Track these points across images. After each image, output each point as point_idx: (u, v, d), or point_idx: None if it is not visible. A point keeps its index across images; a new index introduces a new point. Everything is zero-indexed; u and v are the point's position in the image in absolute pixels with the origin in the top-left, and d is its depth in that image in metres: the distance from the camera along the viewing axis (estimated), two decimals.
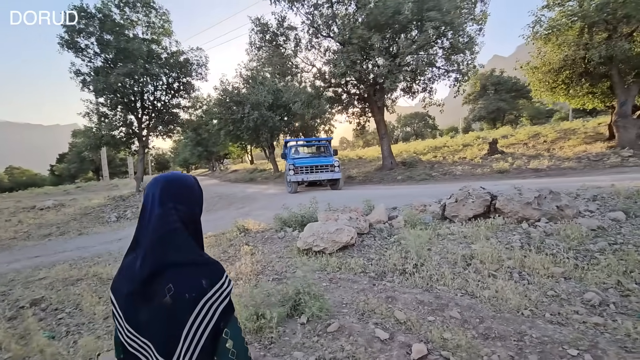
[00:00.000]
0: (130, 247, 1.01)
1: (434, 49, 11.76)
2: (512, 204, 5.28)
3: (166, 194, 0.98)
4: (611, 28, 10.87)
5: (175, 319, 0.88)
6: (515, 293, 3.16)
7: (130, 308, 0.93)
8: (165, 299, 0.88)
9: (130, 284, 0.93)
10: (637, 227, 4.42)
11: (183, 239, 0.95)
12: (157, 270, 0.90)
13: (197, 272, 0.93)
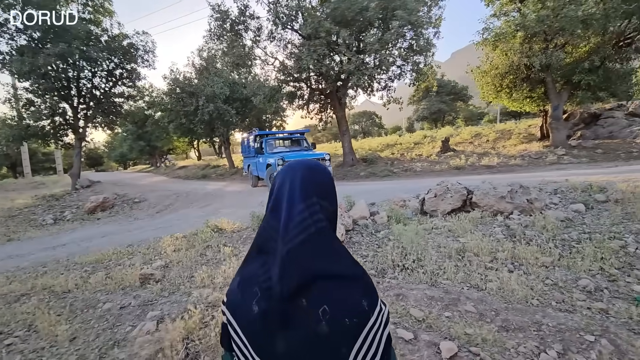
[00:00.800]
0: (253, 252, 0.79)
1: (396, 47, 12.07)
2: (487, 198, 5.55)
3: (309, 184, 0.75)
4: (549, 39, 12.07)
5: (332, 352, 0.67)
6: (519, 283, 3.26)
7: (264, 334, 0.70)
8: (320, 326, 0.66)
9: (263, 302, 0.70)
10: (597, 217, 4.89)
11: (331, 243, 0.74)
12: (304, 283, 0.68)
13: (354, 289, 0.72)
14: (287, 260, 0.69)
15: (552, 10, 11.14)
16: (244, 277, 0.78)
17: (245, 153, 13.26)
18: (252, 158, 12.20)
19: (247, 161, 13.26)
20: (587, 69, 11.98)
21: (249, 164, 12.95)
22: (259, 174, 11.56)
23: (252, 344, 0.72)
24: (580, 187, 5.91)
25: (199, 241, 5.44)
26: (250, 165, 12.55)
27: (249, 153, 12.60)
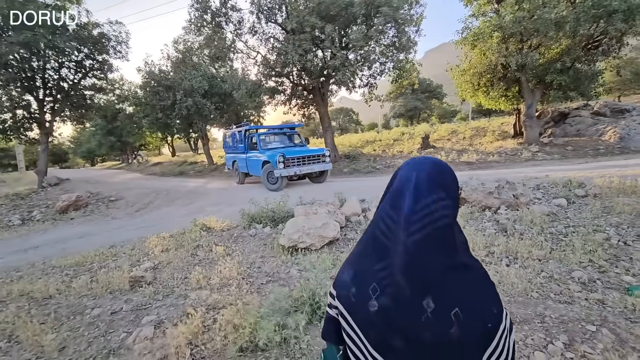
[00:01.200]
0: (366, 246, 0.78)
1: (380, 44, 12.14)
2: (476, 194, 5.69)
3: (436, 179, 0.73)
4: (524, 40, 12.54)
5: (462, 356, 0.66)
6: (517, 277, 3.35)
7: (385, 331, 0.69)
8: (452, 329, 0.64)
9: (384, 298, 0.69)
10: (579, 212, 5.13)
11: (455, 239, 0.72)
12: (429, 279, 0.67)
13: (482, 290, 0.70)
14: (412, 254, 0.67)
15: (527, 12, 11.56)
16: (357, 272, 0.76)
17: (230, 149, 12.50)
18: (239, 154, 11.53)
19: (232, 157, 12.51)
20: (559, 69, 12.56)
21: (234, 160, 12.25)
22: (250, 171, 10.91)
23: (370, 340, 0.71)
24: (560, 183, 6.18)
25: (188, 241, 5.23)
26: (237, 162, 11.84)
27: (235, 149, 11.90)
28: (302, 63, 11.07)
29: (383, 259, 0.71)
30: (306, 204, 5.90)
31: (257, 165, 10.14)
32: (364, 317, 0.72)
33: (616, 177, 6.17)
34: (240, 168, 11.63)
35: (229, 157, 12.90)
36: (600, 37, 12.14)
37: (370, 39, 10.86)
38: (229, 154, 12.91)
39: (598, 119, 15.78)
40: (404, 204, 0.70)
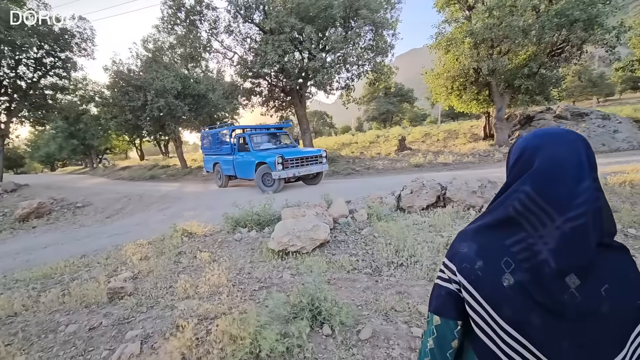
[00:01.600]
0: (490, 221, 0.77)
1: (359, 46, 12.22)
2: (460, 193, 5.79)
3: (588, 159, 0.70)
4: (495, 45, 13.09)
5: (609, 332, 0.66)
6: None
7: (518, 304, 0.69)
8: (602, 305, 0.65)
9: (522, 274, 0.69)
10: None
11: (607, 219, 0.70)
12: (587, 260, 0.66)
13: (629, 268, 0.70)
14: (568, 237, 0.66)
15: (497, 19, 12.07)
16: (483, 246, 0.76)
17: (212, 150, 11.68)
18: (224, 155, 10.78)
19: (213, 159, 11.63)
20: (526, 74, 13.20)
21: (216, 162, 11.41)
22: (239, 173, 10.17)
23: (502, 314, 0.70)
24: None
25: (170, 247, 4.94)
26: (221, 164, 11.02)
27: (218, 150, 11.16)
28: (282, 64, 10.92)
29: (516, 234, 0.72)
30: (292, 206, 5.76)
31: (248, 167, 9.55)
32: (494, 292, 0.71)
33: None
34: (224, 170, 10.85)
35: (208, 159, 12.00)
36: (562, 44, 12.88)
37: (349, 41, 10.90)
38: (209, 156, 12.02)
39: (560, 121, 16.73)
40: (558, 188, 0.68)
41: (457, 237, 0.84)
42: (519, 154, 0.76)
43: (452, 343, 0.80)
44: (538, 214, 0.69)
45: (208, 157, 12.07)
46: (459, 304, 0.79)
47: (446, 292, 0.81)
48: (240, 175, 10.24)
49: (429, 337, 0.84)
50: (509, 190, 0.76)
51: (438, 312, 0.82)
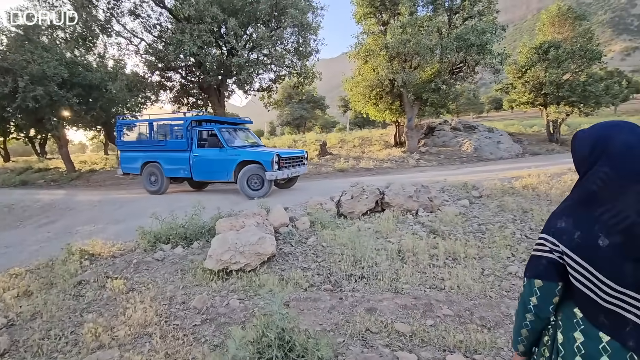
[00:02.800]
0: (577, 200, 0.96)
1: (285, 47, 11.85)
2: (398, 198, 5.87)
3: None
4: (408, 60, 14.20)
5: None
6: (472, 279, 3.42)
7: (614, 260, 0.85)
8: None
9: (615, 235, 0.85)
10: (481, 211, 5.81)
11: None
12: None
13: None
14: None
15: (411, 35, 13.11)
16: (577, 219, 0.92)
17: (141, 145, 9.10)
18: (166, 152, 8.60)
19: (141, 157, 8.93)
20: (432, 89, 14.65)
21: (147, 161, 8.85)
22: (197, 174, 8.35)
23: (602, 271, 0.86)
24: (458, 186, 6.96)
25: (63, 276, 3.74)
26: (160, 163, 8.65)
27: (155, 145, 8.78)
28: (201, 57, 9.83)
29: (602, 205, 0.88)
30: (228, 215, 5.04)
31: (220, 166, 8.02)
32: (593, 254, 0.87)
33: (497, 180, 7.31)
34: (167, 172, 8.61)
35: (132, 157, 9.17)
36: (460, 64, 14.69)
37: (274, 40, 10.45)
38: (133, 153, 9.19)
39: (456, 132, 19.11)
40: (633, 165, 0.85)
41: (551, 217, 1.00)
42: (593, 144, 0.93)
43: (553, 299, 0.99)
44: (617, 187, 0.86)
45: (131, 154, 9.20)
46: (559, 269, 0.96)
47: (547, 261, 0.97)
48: (200, 177, 8.45)
49: (530, 297, 1.03)
50: (589, 173, 0.93)
51: (540, 277, 0.99)
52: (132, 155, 9.22)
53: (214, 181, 8.57)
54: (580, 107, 16.29)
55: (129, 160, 9.26)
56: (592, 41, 16.41)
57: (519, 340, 1.12)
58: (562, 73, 16.07)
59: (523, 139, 18.14)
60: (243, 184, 7.68)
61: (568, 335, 0.95)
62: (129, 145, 9.41)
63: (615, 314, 0.86)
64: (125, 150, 9.42)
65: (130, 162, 9.23)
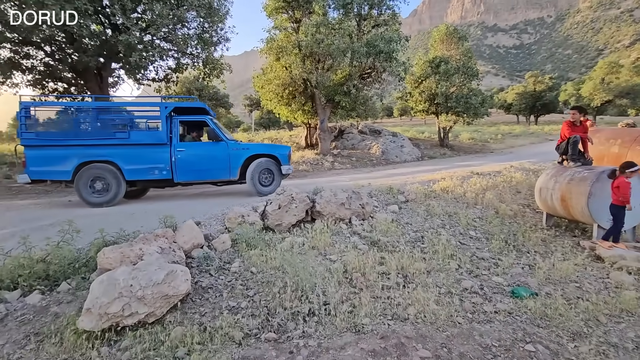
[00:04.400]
0: None
1: (189, 31, 10.18)
2: (330, 206, 5.32)
3: None
4: (321, 60, 13.97)
5: None
6: (437, 303, 3.01)
7: None
8: None
9: None
10: (411, 216, 5.68)
11: None
12: None
13: None
14: None
15: (325, 35, 12.90)
16: None
17: (76, 137, 6.39)
18: (128, 147, 6.52)
19: (74, 155, 6.34)
20: (344, 91, 14.79)
21: (89, 160, 6.37)
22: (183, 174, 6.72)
23: None
24: (384, 190, 6.80)
25: None
26: (119, 162, 6.45)
27: (115, 138, 6.47)
28: (73, 29, 7.58)
29: None
30: (116, 241, 3.68)
31: (218, 163, 6.91)
32: None
33: (417, 183, 7.42)
34: (131, 174, 6.53)
35: (55, 157, 6.35)
36: (369, 70, 15.18)
37: (176, 22, 8.83)
38: (58, 150, 6.36)
39: (363, 136, 19.90)
40: None
41: None
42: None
43: None
44: None
45: (53, 151, 6.38)
46: None
47: None
48: (186, 178, 6.86)
49: None
50: None
51: None
52: (54, 153, 6.33)
53: (204, 181, 7.16)
54: (464, 117, 18.64)
55: (49, 160, 6.33)
56: (472, 60, 18.98)
57: None
58: (451, 86, 18.14)
59: (420, 144, 19.93)
60: (255, 180, 7.04)
61: None
62: (49, 139, 6.44)
63: None
64: (38, 147, 6.35)
65: (51, 164, 6.33)
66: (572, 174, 4.81)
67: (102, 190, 6.46)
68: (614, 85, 39.56)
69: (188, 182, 7.06)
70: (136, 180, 6.74)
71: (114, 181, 6.46)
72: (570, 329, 2.67)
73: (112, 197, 6.46)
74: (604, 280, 3.48)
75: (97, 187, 6.43)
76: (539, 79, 45.73)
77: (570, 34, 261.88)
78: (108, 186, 6.45)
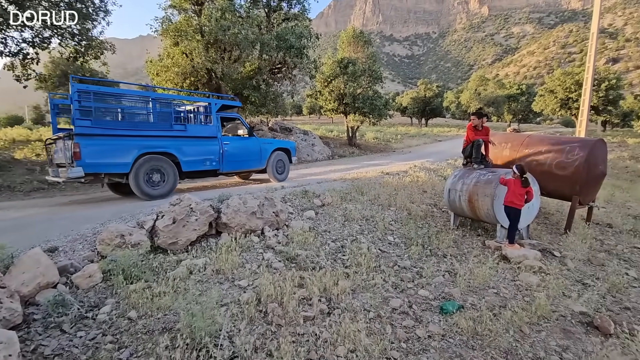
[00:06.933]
0: None
1: None
2: (239, 216, 4.57)
3: None
4: (227, 50, 12.75)
5: None
6: (364, 334, 2.56)
7: None
8: None
9: None
10: (328, 222, 5.29)
11: None
12: None
13: None
14: None
15: (231, 22, 11.76)
16: None
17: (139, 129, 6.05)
18: (192, 140, 6.72)
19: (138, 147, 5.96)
20: (254, 86, 13.87)
21: (149, 152, 6.08)
22: (229, 165, 7.35)
23: None
24: (299, 194, 6.29)
25: None
26: (178, 155, 6.45)
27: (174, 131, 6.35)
28: None
29: None
30: None
31: (254, 155, 7.81)
32: None
33: (332, 186, 7.11)
34: (187, 165, 6.68)
35: (114, 147, 5.77)
36: (280, 65, 14.56)
37: None
38: (117, 140, 5.81)
39: (274, 133, 19.22)
40: None
41: None
42: None
43: None
44: None
45: (112, 141, 5.76)
46: None
47: None
48: (230, 168, 7.52)
49: None
50: None
51: None
52: (114, 144, 5.81)
53: (242, 171, 8.06)
54: (370, 117, 19.52)
55: (107, 151, 5.74)
56: (376, 64, 19.98)
57: None
58: (358, 87, 18.77)
59: (330, 142, 20.20)
60: (274, 170, 8.13)
61: None
62: (108, 128, 5.85)
63: None
64: (96, 136, 5.64)
65: (109, 155, 5.76)
66: (477, 176, 5.02)
67: (159, 183, 6.33)
68: (484, 96, 47.14)
69: (230, 172, 7.72)
70: (190, 172, 6.88)
71: (171, 173, 6.44)
72: (501, 347, 2.52)
73: (169, 189, 6.41)
74: (515, 283, 3.57)
75: (154, 179, 6.27)
76: (428, 87, 51.64)
77: (449, 50, 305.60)
78: (164, 178, 6.37)
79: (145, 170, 6.10)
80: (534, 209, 4.93)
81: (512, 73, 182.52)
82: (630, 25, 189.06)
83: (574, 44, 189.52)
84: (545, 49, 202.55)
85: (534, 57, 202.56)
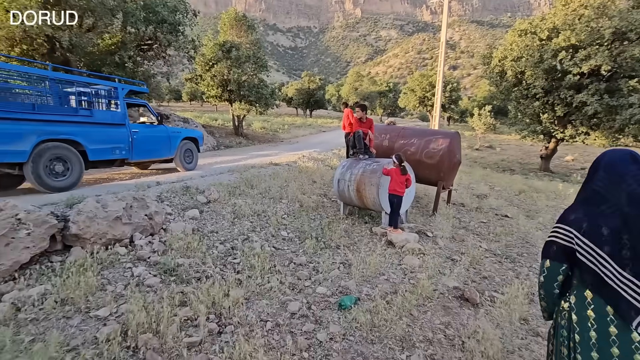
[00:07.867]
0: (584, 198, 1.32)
1: None
2: (96, 224, 3.65)
3: None
4: (78, 14, 10.22)
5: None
6: (263, 353, 2.26)
7: (614, 242, 1.15)
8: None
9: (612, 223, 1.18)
10: (216, 221, 4.76)
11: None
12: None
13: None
14: None
15: None
16: (586, 213, 1.26)
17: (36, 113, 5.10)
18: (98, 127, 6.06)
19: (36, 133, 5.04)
20: (116, 63, 11.63)
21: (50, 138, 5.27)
22: (139, 154, 6.86)
23: (604, 250, 1.16)
24: (179, 191, 5.49)
25: None
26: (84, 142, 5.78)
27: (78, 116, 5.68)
28: None
29: (604, 203, 1.23)
30: None
31: (163, 143, 7.42)
32: (598, 238, 1.18)
33: (218, 180, 6.48)
34: (95, 154, 6.02)
35: None
36: (150, 41, 12.60)
37: None
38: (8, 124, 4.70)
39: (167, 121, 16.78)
40: None
41: (566, 212, 1.33)
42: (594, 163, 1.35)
43: (558, 277, 1.32)
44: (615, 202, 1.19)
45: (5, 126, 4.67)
46: (567, 252, 1.27)
47: (556, 246, 1.30)
48: (140, 157, 6.96)
49: (540, 275, 1.37)
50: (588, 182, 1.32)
51: (553, 258, 1.32)
52: (6, 128, 4.72)
53: (151, 160, 7.52)
54: (257, 106, 18.94)
55: None
56: (261, 51, 19.40)
57: (541, 309, 1.49)
58: (243, 74, 17.89)
59: (215, 132, 18.83)
60: (182, 158, 7.94)
61: (581, 314, 1.22)
62: None
63: (613, 289, 1.14)
64: None
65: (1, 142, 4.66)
66: (364, 166, 5.22)
67: (62, 173, 5.56)
68: (360, 91, 51.70)
69: (140, 162, 7.30)
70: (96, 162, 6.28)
71: (76, 162, 5.73)
72: (397, 336, 2.58)
73: (75, 181, 5.71)
74: (401, 267, 3.80)
75: (57, 169, 5.47)
76: (311, 79, 53.56)
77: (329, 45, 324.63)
78: (69, 168, 5.63)
79: (46, 159, 5.27)
80: (411, 195, 5.45)
81: (381, 72, 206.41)
82: (464, 40, 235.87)
83: (426, 51, 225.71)
84: (406, 52, 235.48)
85: (397, 59, 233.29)
